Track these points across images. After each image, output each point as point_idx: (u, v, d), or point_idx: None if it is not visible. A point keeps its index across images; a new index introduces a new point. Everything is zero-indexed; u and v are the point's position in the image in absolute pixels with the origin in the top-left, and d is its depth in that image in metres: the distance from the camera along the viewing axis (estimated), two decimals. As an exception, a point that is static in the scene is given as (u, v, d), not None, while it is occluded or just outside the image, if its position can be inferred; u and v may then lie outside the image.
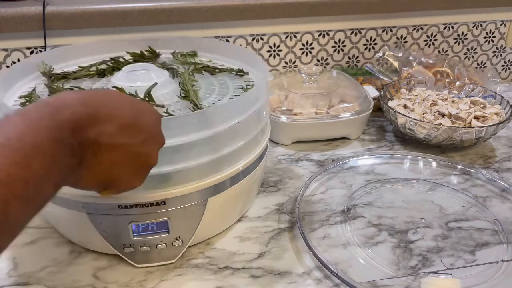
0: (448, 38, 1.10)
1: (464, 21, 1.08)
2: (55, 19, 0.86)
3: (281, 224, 0.60)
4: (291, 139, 0.80)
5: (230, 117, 0.50)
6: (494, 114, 0.77)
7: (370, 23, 1.03)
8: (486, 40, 1.12)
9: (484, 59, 1.15)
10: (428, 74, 0.94)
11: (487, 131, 0.73)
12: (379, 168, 0.72)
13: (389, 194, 0.66)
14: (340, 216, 0.61)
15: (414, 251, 0.55)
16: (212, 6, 0.91)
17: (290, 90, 0.83)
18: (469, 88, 0.87)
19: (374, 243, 0.56)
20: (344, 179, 0.69)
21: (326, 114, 0.78)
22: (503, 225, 0.59)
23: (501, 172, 0.72)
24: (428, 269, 0.52)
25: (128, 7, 0.88)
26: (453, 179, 0.70)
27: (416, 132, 0.76)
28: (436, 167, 0.73)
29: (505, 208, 0.63)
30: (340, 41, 1.04)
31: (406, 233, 0.58)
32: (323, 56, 1.05)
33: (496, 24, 1.10)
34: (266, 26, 0.98)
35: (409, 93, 0.85)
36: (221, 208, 0.55)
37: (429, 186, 0.67)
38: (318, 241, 0.56)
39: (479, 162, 0.76)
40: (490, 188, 0.67)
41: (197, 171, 0.49)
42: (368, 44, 1.06)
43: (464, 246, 0.56)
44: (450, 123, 0.75)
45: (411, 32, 1.07)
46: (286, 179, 0.70)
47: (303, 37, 1.02)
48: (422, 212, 0.62)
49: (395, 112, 0.77)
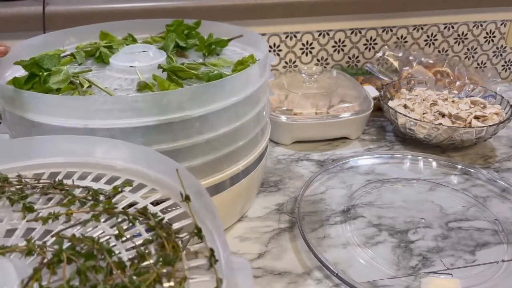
0: (448, 38, 1.10)
1: (464, 21, 1.08)
2: (55, 19, 0.86)
3: (281, 224, 0.60)
4: (291, 139, 0.80)
5: (232, 121, 0.50)
6: (494, 114, 0.77)
7: (370, 23, 1.03)
8: (486, 40, 1.12)
9: (484, 59, 1.15)
10: (428, 74, 0.94)
11: (487, 131, 0.73)
12: (379, 168, 0.72)
13: (389, 194, 0.66)
14: (340, 216, 0.61)
15: (414, 251, 0.55)
16: (212, 6, 0.91)
17: (290, 90, 0.83)
18: (469, 88, 0.87)
19: (374, 243, 0.56)
20: (344, 179, 0.69)
21: (326, 114, 0.78)
22: (503, 225, 0.59)
23: (501, 172, 0.72)
24: (428, 269, 0.52)
25: (128, 7, 0.88)
26: (453, 179, 0.70)
27: (416, 132, 0.76)
28: (436, 167, 0.73)
29: (505, 208, 0.63)
30: (340, 41, 1.04)
31: (406, 233, 0.58)
32: (323, 56, 1.05)
33: (496, 24, 1.10)
34: (266, 26, 0.98)
35: (409, 93, 0.85)
36: (221, 208, 0.55)
37: (429, 186, 0.67)
38: (318, 241, 0.56)
39: (479, 162, 0.76)
40: (490, 188, 0.67)
41: (197, 171, 0.49)
42: (368, 44, 1.06)
43: (464, 246, 0.56)
44: (450, 123, 0.75)
45: (411, 32, 1.07)
46: (286, 179, 0.70)
47: (303, 37, 1.02)
48: (422, 212, 0.62)
49: (395, 112, 0.77)
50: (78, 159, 0.44)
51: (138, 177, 0.42)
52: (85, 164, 0.44)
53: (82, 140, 0.43)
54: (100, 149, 0.43)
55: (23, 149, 0.43)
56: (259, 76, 0.53)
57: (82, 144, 0.43)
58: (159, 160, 0.41)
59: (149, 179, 0.42)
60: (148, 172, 0.42)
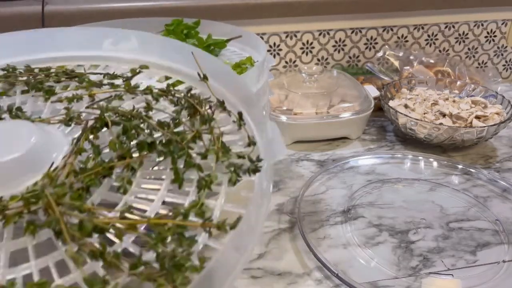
0: (449, 38, 1.10)
1: (465, 21, 1.08)
2: (54, 19, 0.86)
3: (281, 224, 0.60)
4: (291, 139, 0.80)
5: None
6: (495, 114, 0.77)
7: (370, 23, 1.03)
8: (487, 39, 1.12)
9: (485, 58, 1.15)
10: (429, 73, 0.94)
11: (488, 131, 0.73)
12: (379, 168, 0.72)
13: (389, 194, 0.65)
14: (340, 216, 0.61)
15: (414, 251, 0.55)
16: (211, 5, 0.91)
17: (290, 89, 0.83)
18: (470, 88, 0.87)
19: (375, 244, 0.56)
20: (344, 179, 0.69)
21: (327, 114, 0.78)
22: (504, 225, 0.59)
23: (502, 172, 0.72)
24: (429, 270, 0.52)
25: (127, 6, 0.88)
26: (454, 179, 0.69)
27: (417, 132, 0.75)
28: (437, 167, 0.72)
29: (506, 208, 0.63)
30: (340, 41, 1.04)
31: (407, 233, 0.58)
32: (323, 56, 1.05)
33: (497, 24, 1.10)
34: (266, 26, 0.98)
35: (410, 92, 0.85)
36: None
37: (429, 186, 0.67)
38: (318, 241, 0.56)
39: (480, 162, 0.75)
40: (491, 188, 0.67)
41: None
42: (368, 43, 1.06)
43: (465, 247, 0.56)
44: (451, 123, 0.75)
45: (412, 32, 1.07)
46: (286, 179, 0.70)
47: (303, 36, 1.01)
48: (423, 212, 0.61)
49: (395, 112, 0.77)
50: (85, 52, 0.44)
51: (151, 66, 0.43)
52: (92, 57, 0.44)
53: (90, 31, 0.43)
54: (108, 40, 0.44)
55: (29, 43, 0.43)
56: (257, 79, 0.53)
57: (90, 36, 0.43)
58: (173, 48, 0.42)
59: (162, 68, 0.43)
60: (161, 61, 0.43)
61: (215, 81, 0.40)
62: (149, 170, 0.34)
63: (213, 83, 0.40)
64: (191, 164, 0.34)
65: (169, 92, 0.40)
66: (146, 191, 0.33)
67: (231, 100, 0.39)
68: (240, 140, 0.36)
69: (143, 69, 0.43)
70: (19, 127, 0.35)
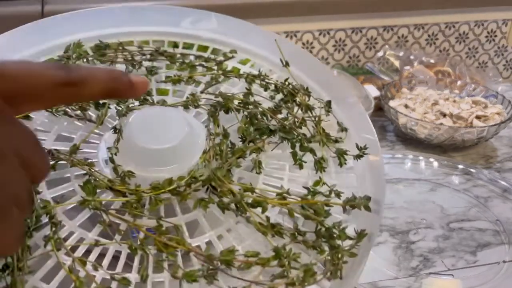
0: (449, 37, 1.09)
1: (465, 20, 1.08)
2: (55, 18, 0.86)
3: (281, 224, 0.60)
4: (292, 138, 0.80)
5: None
6: (495, 114, 0.76)
7: (371, 22, 1.03)
8: (487, 39, 1.12)
9: (486, 58, 1.15)
10: (429, 73, 0.94)
11: (488, 131, 0.73)
12: (380, 168, 0.71)
13: (390, 194, 0.65)
14: (340, 217, 0.61)
15: (415, 251, 0.55)
16: (210, 5, 0.91)
17: (291, 89, 0.83)
18: (470, 88, 0.86)
19: (375, 244, 0.56)
20: (344, 179, 0.69)
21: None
22: (504, 226, 0.59)
23: (503, 172, 0.72)
24: (429, 270, 0.52)
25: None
26: (454, 179, 0.69)
27: (417, 132, 0.75)
28: (437, 167, 0.72)
29: (507, 208, 0.63)
30: (340, 40, 1.04)
31: (407, 233, 0.58)
32: (323, 56, 1.05)
33: (497, 23, 1.10)
34: (265, 25, 0.97)
35: (410, 92, 0.85)
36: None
37: (430, 186, 0.67)
38: (318, 241, 0.56)
39: (481, 162, 0.75)
40: (491, 189, 0.67)
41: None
42: (369, 43, 1.06)
43: (466, 247, 0.56)
44: (451, 123, 0.75)
45: (412, 31, 1.06)
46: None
47: (303, 36, 1.01)
48: (423, 212, 0.61)
49: (396, 112, 0.77)
50: (165, 28, 0.48)
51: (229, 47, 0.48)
52: (170, 33, 0.48)
53: (169, 9, 0.47)
54: (188, 19, 0.48)
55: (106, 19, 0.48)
56: None
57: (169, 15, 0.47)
58: (251, 31, 0.47)
59: (240, 50, 0.48)
60: (239, 43, 0.48)
61: (294, 66, 0.45)
62: (269, 152, 0.39)
63: (293, 68, 0.45)
64: (307, 149, 0.39)
65: (260, 76, 0.44)
66: (272, 171, 0.39)
67: (311, 84, 0.44)
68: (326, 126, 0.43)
69: (233, 53, 0.47)
70: (171, 114, 0.39)
